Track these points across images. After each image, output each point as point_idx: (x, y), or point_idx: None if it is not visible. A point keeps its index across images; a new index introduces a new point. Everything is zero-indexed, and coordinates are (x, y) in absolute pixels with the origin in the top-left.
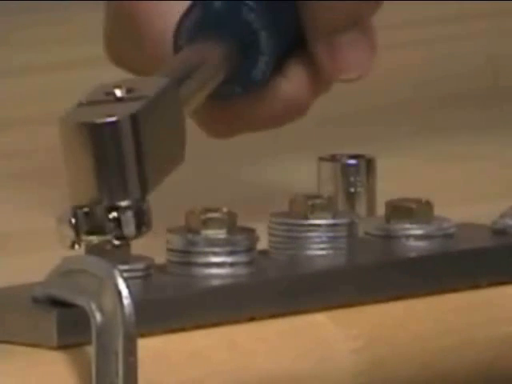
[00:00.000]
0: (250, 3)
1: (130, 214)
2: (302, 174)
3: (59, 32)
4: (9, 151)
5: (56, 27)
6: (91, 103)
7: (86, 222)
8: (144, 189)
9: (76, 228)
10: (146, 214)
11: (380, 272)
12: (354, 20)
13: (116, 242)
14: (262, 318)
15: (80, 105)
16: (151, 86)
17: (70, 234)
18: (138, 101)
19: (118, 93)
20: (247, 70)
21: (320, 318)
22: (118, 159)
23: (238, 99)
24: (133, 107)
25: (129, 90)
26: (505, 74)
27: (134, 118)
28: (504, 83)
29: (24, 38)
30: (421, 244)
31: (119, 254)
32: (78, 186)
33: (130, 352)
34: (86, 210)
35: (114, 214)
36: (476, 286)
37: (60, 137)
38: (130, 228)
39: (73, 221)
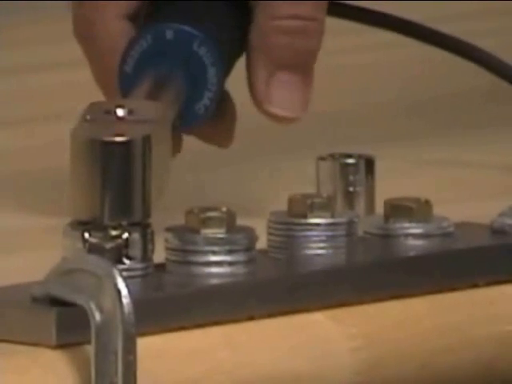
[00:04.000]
0: (202, 37)
1: (137, 235)
2: (301, 173)
3: (50, 31)
4: (8, 151)
5: (47, 26)
6: (95, 120)
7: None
8: (146, 211)
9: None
10: (152, 238)
11: (379, 271)
12: (300, 59)
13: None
14: (261, 316)
15: (85, 121)
16: (150, 109)
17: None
18: (142, 123)
19: (120, 112)
20: (190, 104)
21: (319, 317)
22: (126, 179)
23: (176, 129)
24: (144, 129)
25: (130, 111)
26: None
27: (146, 140)
28: (504, 83)
29: (14, 38)
30: (420, 243)
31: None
32: (81, 200)
33: (130, 351)
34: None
35: (122, 234)
36: (475, 285)
37: (70, 150)
38: (135, 250)
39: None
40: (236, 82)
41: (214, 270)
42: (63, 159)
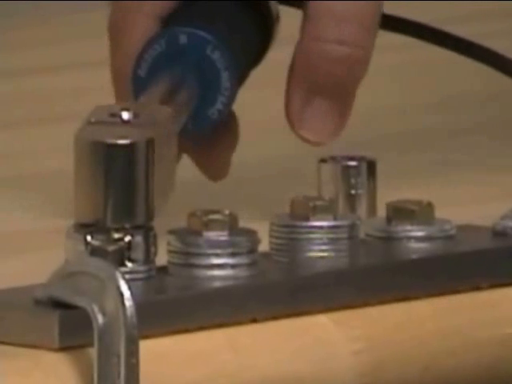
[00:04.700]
0: (215, 41)
1: (139, 238)
2: (303, 175)
3: (50, 34)
4: (8, 152)
5: (47, 29)
6: (100, 123)
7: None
8: (149, 214)
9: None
10: (154, 240)
11: (381, 274)
12: (339, 87)
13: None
14: (263, 319)
15: (89, 123)
16: (156, 113)
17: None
18: (147, 126)
19: (125, 115)
20: (204, 108)
21: (321, 320)
22: (129, 182)
23: (188, 134)
24: (148, 132)
25: (135, 115)
26: (506, 77)
27: (150, 143)
28: (505, 86)
29: (15, 40)
30: (422, 246)
31: None
32: (84, 203)
33: (132, 354)
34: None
35: (124, 237)
36: (477, 288)
37: (74, 152)
38: (138, 252)
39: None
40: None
41: (217, 272)
42: (66, 162)
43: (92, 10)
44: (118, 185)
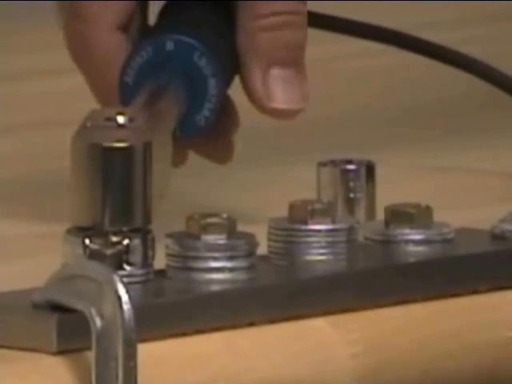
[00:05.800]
0: (202, 48)
1: (137, 241)
2: (302, 179)
3: (50, 37)
4: (8, 156)
5: (47, 32)
6: (96, 127)
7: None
8: (147, 217)
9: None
10: (152, 244)
11: (379, 277)
12: (289, 53)
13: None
14: (261, 322)
15: (86, 127)
16: (151, 117)
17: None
18: (143, 130)
19: (121, 119)
20: (191, 115)
21: (319, 323)
22: (126, 185)
23: (177, 140)
24: (145, 135)
25: (131, 119)
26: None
27: (147, 146)
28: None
29: (22, 43)
30: (420, 249)
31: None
32: (82, 206)
33: (130, 357)
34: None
35: (122, 240)
36: (475, 291)
37: (70, 156)
38: (136, 256)
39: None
40: (233, 89)
41: (215, 276)
42: (60, 165)
43: None
44: (116, 188)
